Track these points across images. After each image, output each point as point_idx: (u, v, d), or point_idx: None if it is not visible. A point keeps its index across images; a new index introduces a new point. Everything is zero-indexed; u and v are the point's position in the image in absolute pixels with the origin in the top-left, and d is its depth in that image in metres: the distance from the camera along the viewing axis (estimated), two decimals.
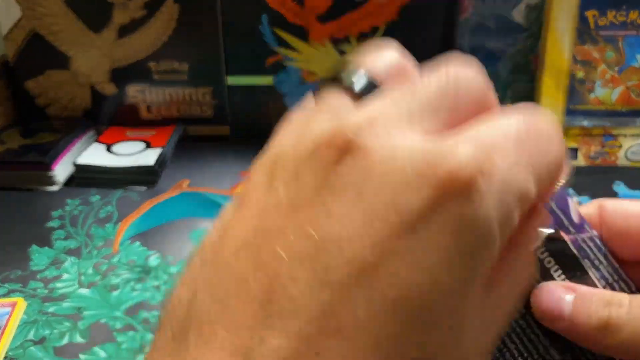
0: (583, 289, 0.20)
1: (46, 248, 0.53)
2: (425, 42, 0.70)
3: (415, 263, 0.15)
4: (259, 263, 0.16)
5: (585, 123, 0.66)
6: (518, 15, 0.68)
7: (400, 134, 0.16)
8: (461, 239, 0.15)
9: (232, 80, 0.73)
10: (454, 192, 0.15)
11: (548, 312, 0.20)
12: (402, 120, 0.17)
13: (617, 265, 0.21)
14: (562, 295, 0.20)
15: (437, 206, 0.15)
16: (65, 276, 0.49)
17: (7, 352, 0.41)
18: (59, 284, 0.48)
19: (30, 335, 0.43)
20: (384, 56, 0.19)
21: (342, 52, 0.70)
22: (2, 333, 0.42)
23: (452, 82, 0.18)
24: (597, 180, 0.64)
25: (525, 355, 0.20)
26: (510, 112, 0.17)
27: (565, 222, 0.21)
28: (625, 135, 0.67)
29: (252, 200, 0.18)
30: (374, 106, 0.17)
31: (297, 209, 0.16)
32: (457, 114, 0.17)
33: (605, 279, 0.21)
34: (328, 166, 0.16)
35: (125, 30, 0.70)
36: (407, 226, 0.15)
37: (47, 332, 0.43)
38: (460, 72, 0.18)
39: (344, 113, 0.18)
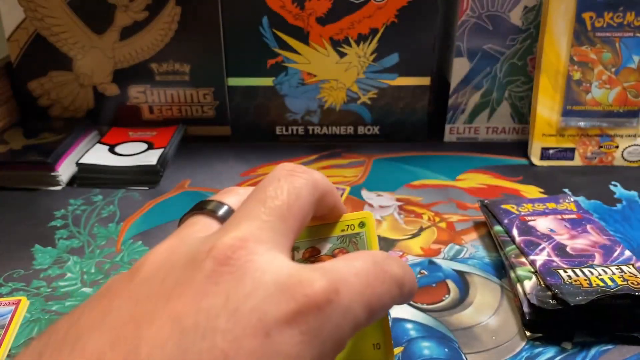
0: None
1: (49, 247, 0.53)
2: (424, 44, 0.71)
3: None
4: (118, 340, 0.17)
5: (582, 124, 0.67)
6: (515, 16, 0.69)
7: (269, 255, 0.20)
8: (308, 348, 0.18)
9: (233, 81, 0.73)
10: (307, 312, 0.18)
11: None
12: (268, 241, 0.20)
13: None
14: None
15: (291, 320, 0.18)
16: (68, 275, 0.49)
17: (10, 350, 0.41)
18: (61, 283, 0.48)
19: (34, 334, 0.43)
20: (233, 193, 0.26)
21: (341, 54, 0.71)
22: (6, 331, 0.42)
23: (291, 192, 0.23)
24: (593, 180, 0.64)
25: None
26: (367, 255, 0.22)
27: None
28: (621, 136, 0.67)
29: (117, 289, 0.20)
30: (243, 227, 0.21)
31: (170, 299, 0.18)
32: (304, 217, 0.23)
33: None
34: (204, 273, 0.19)
35: (127, 32, 0.71)
36: (264, 330, 0.17)
37: None
38: (295, 182, 0.24)
39: (217, 232, 0.21)
